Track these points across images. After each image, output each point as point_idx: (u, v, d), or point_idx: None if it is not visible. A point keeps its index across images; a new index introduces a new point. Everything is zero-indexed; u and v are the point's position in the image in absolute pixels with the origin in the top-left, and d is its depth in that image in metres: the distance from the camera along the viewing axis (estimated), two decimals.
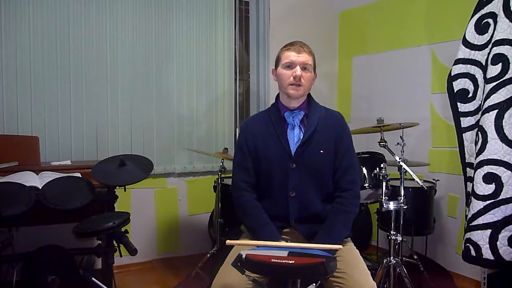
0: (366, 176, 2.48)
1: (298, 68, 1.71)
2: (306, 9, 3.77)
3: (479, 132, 2.22)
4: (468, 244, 2.22)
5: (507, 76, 2.13)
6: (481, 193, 2.17)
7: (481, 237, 2.16)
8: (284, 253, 1.38)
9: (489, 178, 2.15)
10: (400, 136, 2.51)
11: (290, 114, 1.79)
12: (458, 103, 2.43)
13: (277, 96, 1.86)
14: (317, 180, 1.75)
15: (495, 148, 2.13)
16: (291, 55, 1.73)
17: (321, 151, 1.74)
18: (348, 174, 1.76)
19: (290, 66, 1.73)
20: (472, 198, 2.21)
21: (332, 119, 1.81)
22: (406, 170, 2.28)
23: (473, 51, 2.36)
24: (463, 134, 2.42)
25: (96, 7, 2.91)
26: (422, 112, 3.14)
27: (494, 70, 2.18)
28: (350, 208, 1.73)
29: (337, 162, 1.76)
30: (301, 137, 1.75)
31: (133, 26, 3.05)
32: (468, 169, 2.40)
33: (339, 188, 1.76)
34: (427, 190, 2.69)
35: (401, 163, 2.29)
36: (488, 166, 2.15)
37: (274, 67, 1.84)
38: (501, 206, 2.13)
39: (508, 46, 2.14)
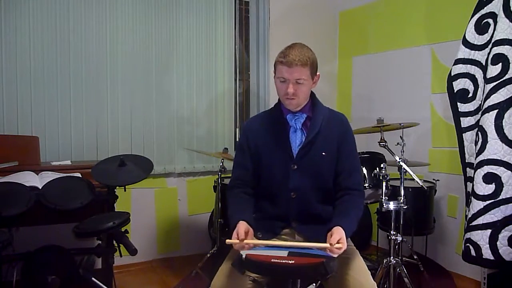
0: (366, 176, 2.48)
1: (290, 85, 1.66)
2: (306, 9, 3.76)
3: (479, 132, 2.22)
4: (468, 244, 2.22)
5: (507, 76, 2.13)
6: (481, 193, 2.17)
7: (481, 237, 2.16)
8: (284, 253, 1.38)
9: (489, 178, 2.15)
10: (400, 136, 2.51)
11: (292, 117, 1.77)
12: (458, 103, 2.43)
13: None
14: (318, 181, 1.74)
15: (495, 148, 2.13)
16: (283, 70, 1.66)
17: (323, 153, 1.73)
18: (353, 177, 1.74)
19: (284, 81, 1.69)
20: (472, 198, 2.21)
21: (336, 122, 1.79)
22: (406, 170, 2.28)
23: (473, 51, 2.36)
24: (463, 134, 2.42)
25: (96, 7, 2.91)
26: (422, 112, 3.14)
27: (494, 70, 2.17)
28: (360, 206, 1.71)
29: (341, 164, 1.74)
30: (303, 140, 1.74)
31: (133, 26, 3.05)
32: (468, 169, 2.40)
33: (346, 188, 1.73)
34: (427, 190, 2.69)
35: (401, 163, 2.29)
36: (488, 166, 2.15)
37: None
38: (501, 206, 2.13)
39: (508, 46, 2.14)
